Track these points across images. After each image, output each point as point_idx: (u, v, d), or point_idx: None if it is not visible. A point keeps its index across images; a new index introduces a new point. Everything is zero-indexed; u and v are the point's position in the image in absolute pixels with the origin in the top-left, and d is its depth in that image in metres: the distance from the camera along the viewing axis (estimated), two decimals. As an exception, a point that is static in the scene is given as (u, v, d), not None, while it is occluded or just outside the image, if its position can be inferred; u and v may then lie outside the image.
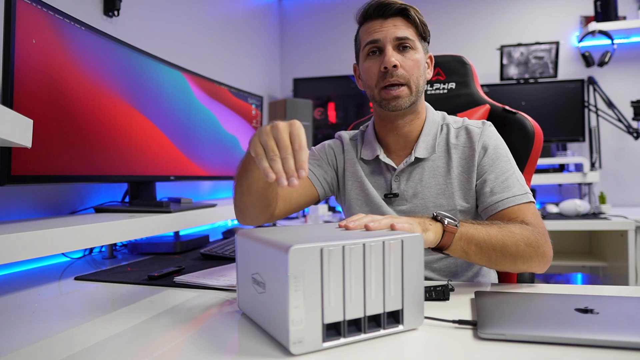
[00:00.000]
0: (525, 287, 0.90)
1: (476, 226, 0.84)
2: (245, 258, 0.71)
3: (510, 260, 0.86)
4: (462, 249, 0.83)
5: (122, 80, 1.37)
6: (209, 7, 2.39)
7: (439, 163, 1.04)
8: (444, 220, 0.80)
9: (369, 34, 1.02)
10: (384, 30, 1.00)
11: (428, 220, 0.80)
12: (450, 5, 3.08)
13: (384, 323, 0.63)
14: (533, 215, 0.94)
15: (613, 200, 2.82)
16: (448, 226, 0.80)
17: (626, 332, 0.59)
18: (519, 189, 0.97)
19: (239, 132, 2.06)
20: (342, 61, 3.21)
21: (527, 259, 0.87)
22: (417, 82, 1.01)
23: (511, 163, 1.01)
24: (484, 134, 1.02)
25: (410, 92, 1.00)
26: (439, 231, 0.80)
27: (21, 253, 0.91)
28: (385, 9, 1.00)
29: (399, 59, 0.98)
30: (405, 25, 1.00)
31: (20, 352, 0.62)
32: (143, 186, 1.51)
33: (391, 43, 0.99)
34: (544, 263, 0.89)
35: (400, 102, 0.99)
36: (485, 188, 0.99)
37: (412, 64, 1.00)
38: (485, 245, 0.84)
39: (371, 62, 1.02)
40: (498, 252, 0.84)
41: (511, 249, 0.85)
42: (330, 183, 1.14)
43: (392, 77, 0.98)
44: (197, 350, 0.61)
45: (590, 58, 2.72)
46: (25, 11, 1.04)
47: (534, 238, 0.87)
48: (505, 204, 0.95)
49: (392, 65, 0.97)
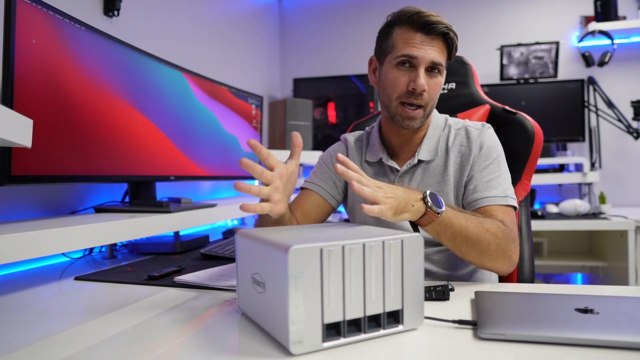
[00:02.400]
0: (525, 287, 0.91)
1: (458, 215, 0.87)
2: (245, 258, 0.71)
3: (478, 255, 0.90)
4: (437, 232, 0.87)
5: (122, 80, 1.37)
6: (209, 7, 2.39)
7: (438, 163, 1.07)
8: (428, 202, 0.83)
9: (407, 46, 0.99)
10: (423, 50, 0.98)
11: (415, 198, 0.83)
12: (450, 5, 3.08)
13: (384, 323, 0.63)
14: (509, 219, 0.96)
15: (613, 200, 2.82)
16: (429, 211, 0.83)
17: (626, 332, 0.59)
18: (500, 192, 0.99)
19: (239, 132, 2.06)
20: (342, 61, 3.21)
21: (494, 258, 0.90)
22: (432, 105, 1.04)
23: (500, 167, 1.03)
24: (482, 135, 1.04)
25: (424, 113, 1.02)
26: (419, 212, 0.83)
27: (21, 253, 0.91)
28: (432, 29, 0.98)
29: (427, 83, 0.99)
30: (442, 49, 1.00)
31: (20, 352, 0.62)
32: (143, 186, 1.51)
33: (425, 64, 0.98)
34: (507, 266, 0.93)
35: (413, 123, 1.02)
36: (470, 185, 1.02)
37: (436, 88, 1.01)
38: (459, 236, 0.87)
39: (400, 74, 1.00)
40: (469, 245, 0.88)
41: (482, 246, 0.88)
42: (341, 190, 1.17)
43: (417, 99, 0.99)
44: (197, 350, 0.61)
45: (590, 58, 2.72)
46: (25, 11, 1.04)
47: (504, 242, 0.90)
48: (483, 202, 0.98)
49: (421, 90, 0.98)
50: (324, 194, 1.14)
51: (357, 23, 3.20)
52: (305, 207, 1.11)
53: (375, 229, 0.75)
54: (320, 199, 1.13)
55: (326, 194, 1.14)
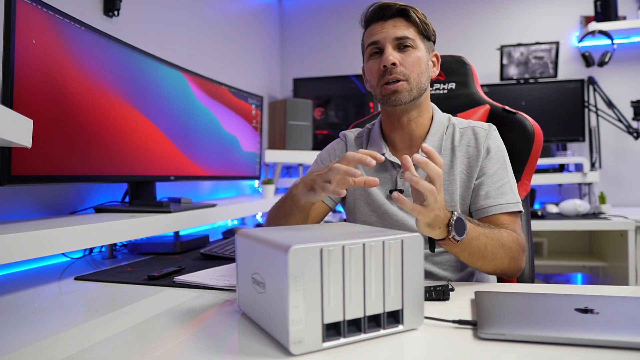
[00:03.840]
0: (525, 287, 0.91)
1: (479, 236, 0.87)
2: (245, 258, 0.71)
3: (491, 268, 0.92)
4: (454, 252, 0.88)
5: (122, 80, 1.37)
6: (209, 7, 2.39)
7: (444, 161, 1.05)
8: (451, 231, 0.81)
9: (370, 36, 1.04)
10: (383, 32, 1.02)
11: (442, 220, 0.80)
12: (450, 5, 3.08)
13: (384, 323, 0.63)
14: (519, 228, 1.00)
15: (613, 200, 2.82)
16: (450, 238, 0.81)
17: (626, 332, 0.59)
18: (512, 198, 1.01)
19: (239, 132, 2.06)
20: (342, 61, 3.21)
21: (505, 269, 0.94)
22: (418, 79, 1.02)
23: (508, 170, 1.04)
24: (490, 137, 1.05)
25: (409, 87, 1.01)
26: (441, 235, 0.82)
27: (21, 253, 0.91)
28: (385, 11, 1.02)
29: (398, 57, 1.00)
30: (405, 25, 1.02)
31: (20, 352, 0.62)
32: (143, 186, 1.51)
33: (391, 43, 1.01)
34: (515, 273, 0.97)
35: (399, 96, 1.01)
36: (482, 190, 1.02)
37: (413, 61, 1.01)
38: (476, 255, 0.88)
39: (372, 62, 1.04)
40: (485, 261, 0.90)
41: (497, 262, 0.91)
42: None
43: (391, 74, 1.00)
44: (197, 350, 0.61)
45: (590, 58, 2.72)
46: (25, 11, 1.04)
47: (517, 254, 0.94)
48: (497, 209, 0.99)
49: (390, 63, 0.99)
50: (325, 198, 1.13)
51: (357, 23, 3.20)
52: None
53: (375, 229, 0.75)
54: (320, 204, 1.13)
55: (326, 198, 1.13)
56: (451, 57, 1.36)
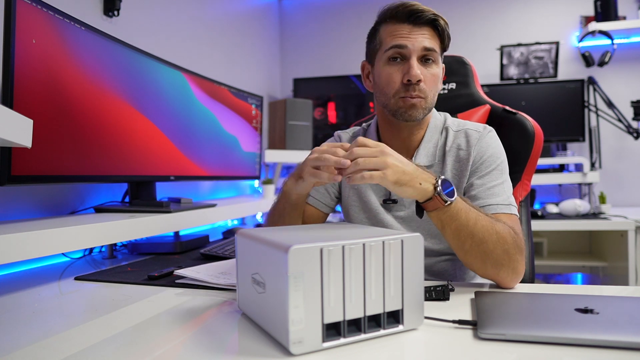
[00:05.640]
0: (525, 287, 0.90)
1: (469, 209, 0.83)
2: (245, 258, 0.71)
3: (481, 257, 0.84)
4: (441, 221, 0.83)
5: (122, 80, 1.37)
6: (209, 7, 2.39)
7: (436, 169, 1.03)
8: (438, 187, 0.79)
9: (395, 37, 0.95)
10: (412, 38, 0.94)
11: (425, 178, 0.80)
12: (450, 5, 3.08)
13: (384, 323, 0.63)
14: (518, 228, 0.92)
15: (613, 200, 2.82)
16: (437, 197, 0.80)
17: (626, 332, 0.59)
18: (503, 199, 0.95)
19: (239, 132, 2.06)
20: (342, 61, 3.21)
21: (499, 264, 0.84)
22: (433, 98, 0.99)
23: (503, 173, 0.99)
24: (482, 140, 1.00)
25: (426, 105, 0.97)
26: (425, 193, 0.80)
27: (21, 253, 0.91)
28: (418, 17, 0.94)
29: (422, 72, 0.95)
30: (433, 37, 0.96)
31: (20, 352, 0.62)
32: (143, 186, 1.51)
33: (417, 53, 0.95)
34: (511, 277, 0.86)
35: (415, 113, 0.97)
36: (471, 192, 0.97)
37: (433, 79, 0.97)
38: (464, 231, 0.82)
39: (393, 70, 0.96)
40: (474, 243, 0.83)
41: (487, 247, 0.83)
42: (334, 195, 1.14)
43: (415, 91, 0.95)
44: (197, 350, 0.61)
45: (590, 58, 2.72)
46: (25, 11, 1.04)
47: (512, 249, 0.84)
48: (486, 210, 0.93)
49: (416, 80, 0.94)
50: (318, 204, 1.12)
51: (358, 23, 3.19)
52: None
53: (375, 229, 0.75)
54: (314, 210, 1.12)
55: (319, 204, 1.12)
56: (451, 57, 1.36)
